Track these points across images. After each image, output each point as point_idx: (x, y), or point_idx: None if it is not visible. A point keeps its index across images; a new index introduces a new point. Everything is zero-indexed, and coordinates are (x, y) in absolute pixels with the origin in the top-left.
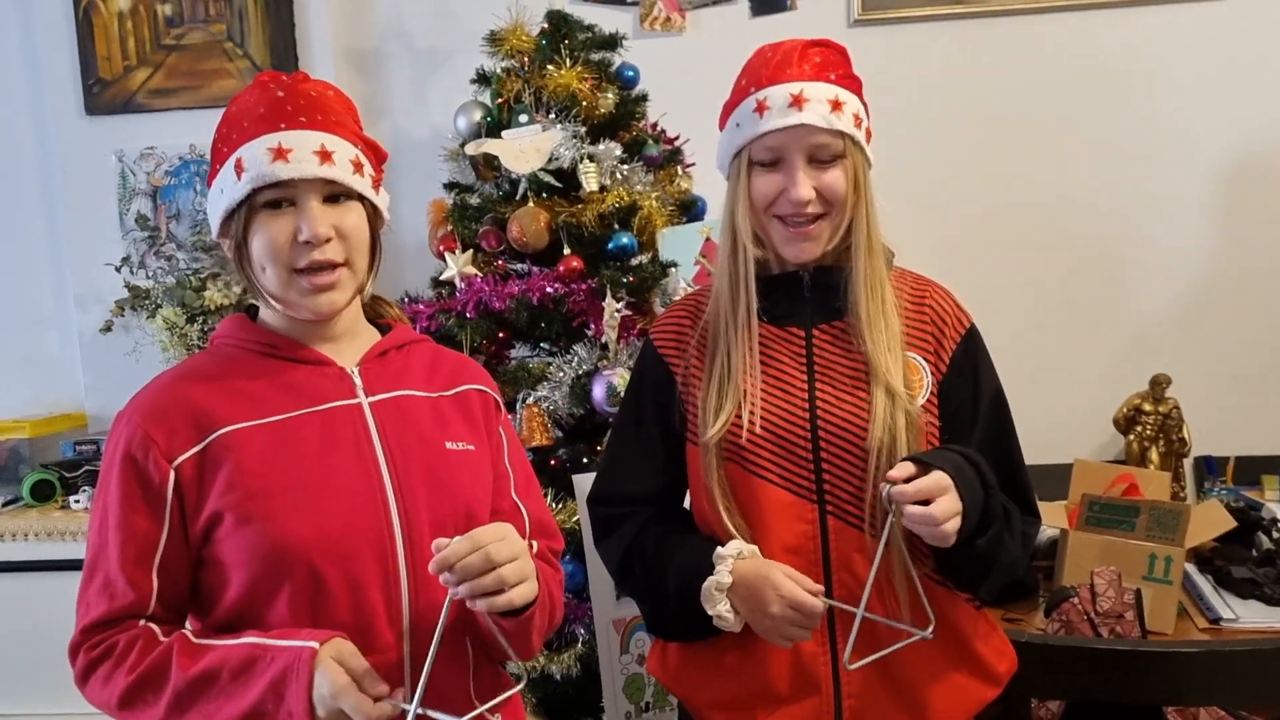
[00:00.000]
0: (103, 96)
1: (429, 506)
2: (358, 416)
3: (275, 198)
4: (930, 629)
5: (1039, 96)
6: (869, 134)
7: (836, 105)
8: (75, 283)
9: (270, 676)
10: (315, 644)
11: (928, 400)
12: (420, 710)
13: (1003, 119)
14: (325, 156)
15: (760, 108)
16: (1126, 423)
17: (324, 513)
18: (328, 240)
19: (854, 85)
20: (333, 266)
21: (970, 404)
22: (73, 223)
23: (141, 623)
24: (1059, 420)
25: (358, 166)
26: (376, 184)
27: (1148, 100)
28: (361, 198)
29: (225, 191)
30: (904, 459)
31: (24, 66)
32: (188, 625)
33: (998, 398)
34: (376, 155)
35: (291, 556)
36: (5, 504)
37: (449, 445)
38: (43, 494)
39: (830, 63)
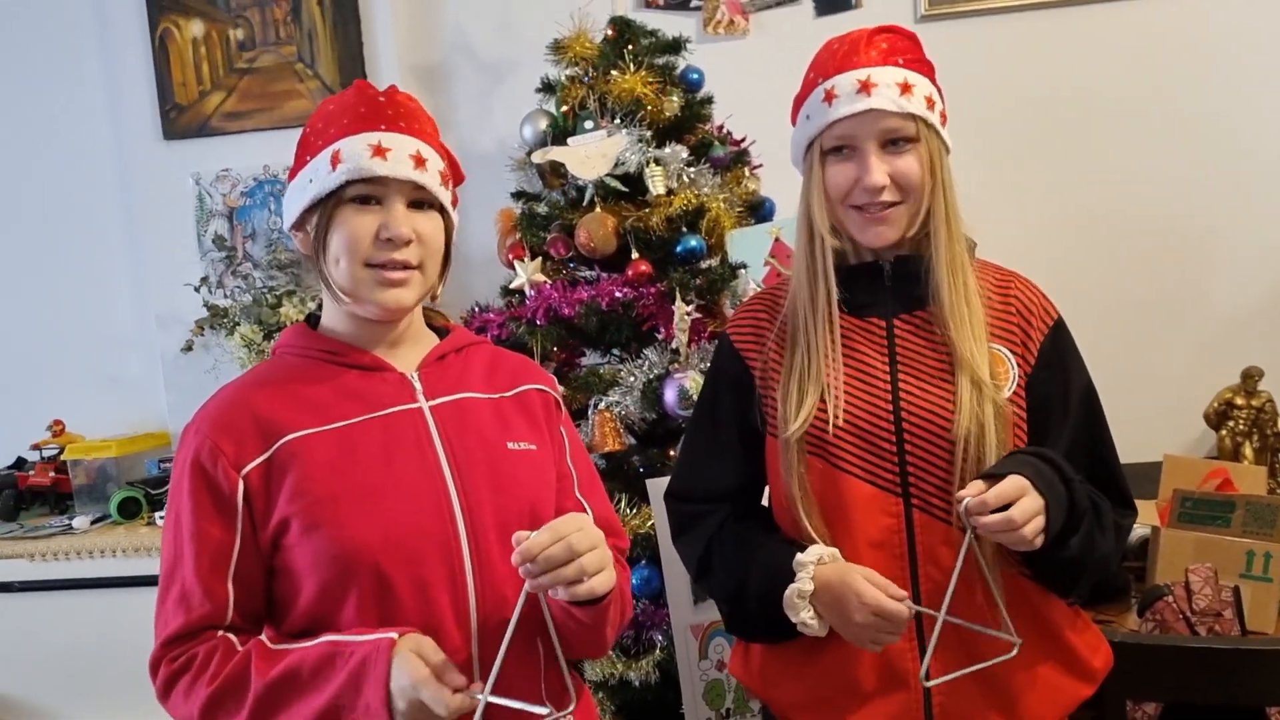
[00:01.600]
0: (179, 121)
1: (493, 507)
2: (419, 420)
3: (365, 194)
4: (1015, 650)
5: (1119, 86)
6: (944, 117)
7: (906, 88)
8: (156, 304)
9: (348, 670)
10: (394, 635)
11: (1014, 393)
12: (491, 698)
13: (1079, 110)
14: (419, 162)
15: (828, 96)
16: (1218, 418)
17: (389, 516)
18: (408, 243)
19: (926, 69)
20: (406, 267)
21: (1061, 398)
22: (152, 245)
23: (219, 633)
24: (1147, 416)
25: (444, 179)
26: (454, 202)
27: (1233, 87)
28: (442, 209)
29: (315, 181)
30: (974, 478)
31: (104, 94)
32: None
33: (1089, 391)
34: (455, 175)
35: (358, 560)
36: (94, 521)
37: (511, 445)
38: (129, 511)
39: (898, 48)
